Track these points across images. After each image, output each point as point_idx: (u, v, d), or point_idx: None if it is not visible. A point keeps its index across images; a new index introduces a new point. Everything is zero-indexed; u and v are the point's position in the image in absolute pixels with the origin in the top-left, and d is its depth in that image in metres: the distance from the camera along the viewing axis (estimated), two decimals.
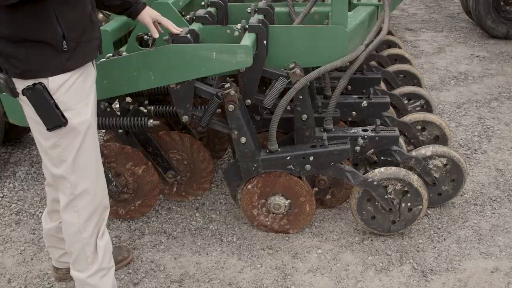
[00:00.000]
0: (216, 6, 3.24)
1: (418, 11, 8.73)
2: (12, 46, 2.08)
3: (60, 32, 2.09)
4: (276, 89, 2.84)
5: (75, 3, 2.14)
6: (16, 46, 2.08)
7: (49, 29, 2.07)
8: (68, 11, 2.11)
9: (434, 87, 5.43)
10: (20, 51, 2.08)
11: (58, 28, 2.09)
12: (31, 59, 2.09)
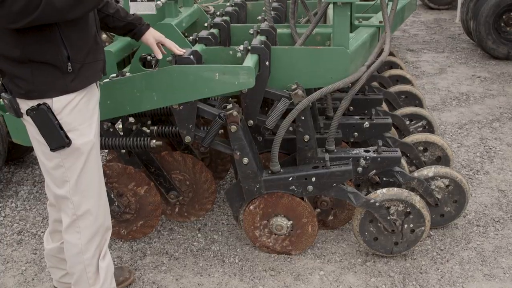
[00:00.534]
0: (219, 28, 3.26)
1: (419, 32, 8.79)
2: (17, 67, 2.10)
3: (65, 53, 2.12)
4: (278, 110, 2.86)
5: (80, 26, 2.17)
6: (21, 67, 2.10)
7: (55, 51, 2.10)
8: (74, 33, 2.14)
9: (436, 108, 5.45)
10: (25, 72, 2.10)
11: (63, 49, 2.11)
12: (35, 79, 2.11)
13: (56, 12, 1.95)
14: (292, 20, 3.29)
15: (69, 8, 1.98)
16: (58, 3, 1.93)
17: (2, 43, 2.07)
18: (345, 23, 2.92)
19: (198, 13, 3.70)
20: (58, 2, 1.93)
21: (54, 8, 1.93)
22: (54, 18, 1.99)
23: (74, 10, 2.00)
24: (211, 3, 4.20)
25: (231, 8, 3.68)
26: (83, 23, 2.18)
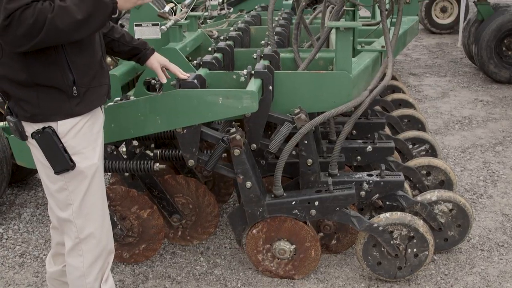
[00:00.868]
0: (223, 52, 3.29)
1: (422, 56, 8.84)
2: (23, 90, 2.12)
3: (71, 78, 2.14)
4: (281, 134, 2.87)
5: (86, 50, 2.19)
6: (27, 90, 2.12)
7: (60, 75, 2.12)
8: (79, 57, 2.16)
9: (439, 132, 5.46)
10: (30, 95, 2.12)
11: (69, 74, 2.13)
12: (41, 103, 2.13)
13: (60, 33, 1.95)
14: (295, 44, 3.32)
15: (73, 29, 1.98)
16: (61, 24, 1.93)
17: (8, 67, 2.09)
18: (347, 48, 2.95)
19: (202, 37, 3.73)
20: (61, 24, 1.93)
21: (57, 29, 1.94)
22: (58, 39, 2.00)
23: (78, 31, 2.00)
24: (215, 27, 4.24)
25: (234, 32, 3.72)
26: (89, 48, 2.21)
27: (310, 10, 5.30)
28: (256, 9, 5.34)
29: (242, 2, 6.17)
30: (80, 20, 1.97)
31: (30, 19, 1.87)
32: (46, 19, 1.90)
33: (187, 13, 3.42)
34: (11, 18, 1.85)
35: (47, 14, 1.90)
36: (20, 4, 1.86)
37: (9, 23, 1.86)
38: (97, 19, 2.03)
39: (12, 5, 1.85)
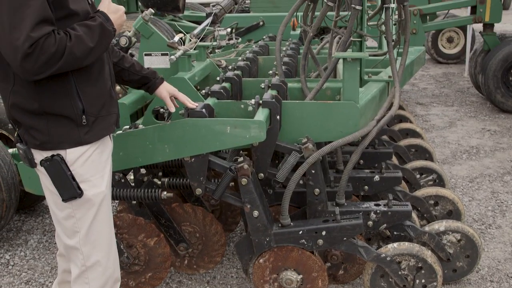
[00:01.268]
0: (231, 82, 3.32)
1: (429, 85, 8.88)
2: (33, 118, 2.15)
3: (81, 107, 2.17)
4: (289, 163, 2.87)
5: (96, 80, 2.23)
6: (37, 118, 2.15)
7: (70, 104, 2.15)
8: (89, 87, 2.20)
9: (446, 161, 5.45)
10: (40, 123, 2.15)
11: (79, 103, 2.16)
12: (51, 131, 2.15)
13: (76, 60, 2.03)
14: (303, 74, 3.35)
15: (86, 56, 2.06)
16: (78, 52, 2.01)
17: (20, 96, 2.13)
18: (354, 78, 2.97)
19: (211, 67, 3.77)
20: (78, 51, 2.01)
21: (75, 57, 2.01)
22: (73, 66, 2.06)
23: (88, 58, 2.08)
24: (223, 57, 4.29)
25: (242, 62, 3.75)
26: (98, 77, 2.24)
27: (317, 40, 5.35)
28: (264, 39, 5.40)
29: (250, 32, 6.24)
30: (92, 47, 2.06)
31: (52, 48, 1.93)
32: (66, 47, 1.97)
33: (196, 43, 3.47)
34: (34, 46, 1.90)
35: (66, 43, 1.97)
36: (43, 33, 1.91)
37: (32, 51, 1.90)
38: (103, 46, 2.14)
39: (37, 34, 1.90)
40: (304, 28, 3.42)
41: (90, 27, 2.07)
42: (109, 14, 2.17)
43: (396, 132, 4.57)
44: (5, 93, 2.18)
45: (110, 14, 2.18)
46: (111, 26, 2.15)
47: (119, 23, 2.24)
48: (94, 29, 2.07)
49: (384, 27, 3.12)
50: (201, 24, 4.00)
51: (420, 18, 6.84)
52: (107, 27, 2.13)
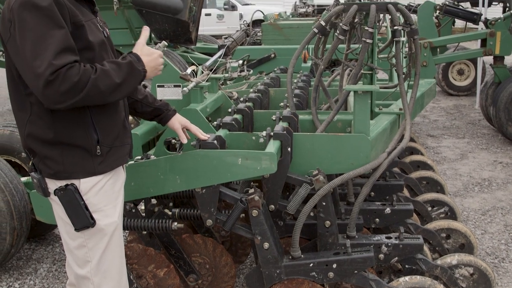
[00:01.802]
0: (242, 113, 3.35)
1: (439, 117, 8.88)
2: (48, 148, 2.18)
3: (95, 137, 2.20)
4: (299, 195, 2.88)
5: (110, 111, 2.26)
6: (52, 148, 2.18)
7: (85, 134, 2.18)
8: (104, 118, 2.23)
9: (458, 194, 5.41)
10: (55, 153, 2.18)
11: (94, 133, 2.20)
12: (65, 161, 2.18)
13: (99, 94, 2.03)
14: (314, 107, 3.37)
15: (110, 91, 2.06)
16: (102, 86, 2.02)
17: (36, 125, 2.16)
18: (365, 111, 2.99)
19: (223, 99, 3.81)
20: (102, 85, 2.02)
21: (98, 90, 2.02)
22: (96, 100, 2.06)
23: (113, 94, 2.09)
24: (234, 89, 4.33)
25: (254, 94, 3.79)
26: (113, 109, 2.28)
27: (328, 72, 5.40)
28: (275, 71, 5.46)
29: (262, 64, 6.31)
30: (117, 83, 2.06)
31: (75, 77, 1.95)
32: (89, 79, 1.98)
33: (209, 75, 3.52)
34: (57, 74, 1.92)
35: (91, 75, 1.99)
36: (66, 62, 1.95)
37: (54, 79, 1.92)
38: (130, 84, 2.14)
39: (59, 62, 1.93)
40: (315, 61, 3.45)
41: (118, 64, 2.10)
42: (141, 56, 2.19)
43: (407, 164, 4.57)
44: (21, 122, 2.22)
45: (142, 56, 2.19)
46: (141, 66, 2.16)
47: (152, 65, 2.24)
48: (122, 66, 2.09)
49: (395, 60, 3.15)
50: (213, 56, 4.07)
51: (430, 50, 6.91)
52: (137, 66, 2.14)
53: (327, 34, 3.35)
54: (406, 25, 3.18)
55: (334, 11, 3.21)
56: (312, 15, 11.12)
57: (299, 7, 11.90)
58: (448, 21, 9.20)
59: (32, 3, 1.99)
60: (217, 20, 21.99)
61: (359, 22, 3.30)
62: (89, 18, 2.20)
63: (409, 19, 3.17)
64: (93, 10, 2.28)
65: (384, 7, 3.10)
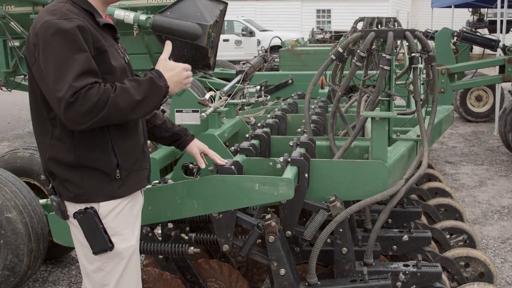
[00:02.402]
0: (260, 139, 3.37)
1: (457, 144, 8.81)
2: (68, 171, 2.21)
3: (115, 161, 2.22)
4: (316, 221, 2.87)
5: (130, 135, 2.29)
6: (72, 171, 2.20)
7: (105, 158, 2.21)
8: (124, 142, 2.26)
9: (477, 222, 5.34)
10: (75, 176, 2.20)
11: (113, 157, 2.22)
12: (85, 184, 2.21)
13: (120, 112, 2.04)
14: (331, 133, 3.38)
15: (131, 108, 2.07)
16: (122, 103, 2.03)
17: (57, 149, 2.20)
18: (383, 137, 2.99)
19: (240, 124, 3.84)
20: (122, 103, 2.03)
21: (118, 108, 2.03)
22: (117, 118, 2.07)
23: (135, 111, 2.09)
24: (252, 114, 4.36)
25: (271, 120, 3.80)
26: (133, 133, 2.31)
27: (346, 98, 5.41)
28: (293, 96, 5.48)
29: (279, 90, 6.34)
30: (138, 100, 2.07)
31: (94, 97, 1.97)
32: (109, 98, 2.00)
33: (227, 101, 3.55)
34: (77, 95, 1.96)
35: (110, 94, 2.01)
36: (86, 83, 1.98)
37: (75, 100, 1.96)
38: (152, 101, 2.13)
39: (79, 84, 1.97)
40: (333, 87, 3.47)
41: (138, 81, 2.10)
42: (164, 71, 2.18)
43: (425, 191, 4.53)
44: (43, 146, 2.25)
45: (165, 71, 2.18)
46: (163, 82, 2.15)
47: (176, 80, 2.22)
48: (142, 83, 2.10)
49: (412, 87, 3.15)
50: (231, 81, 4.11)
51: (448, 77, 6.88)
52: (158, 82, 2.13)
53: (345, 61, 3.38)
54: (424, 51, 3.19)
55: (351, 38, 3.23)
56: (329, 41, 11.19)
57: (317, 33, 11.99)
58: (466, 48, 9.18)
59: (56, 28, 2.04)
60: (235, 46, 22.22)
61: (376, 49, 3.32)
62: (111, 44, 2.25)
63: (426, 46, 3.18)
64: (115, 36, 2.33)
65: (401, 34, 3.12)
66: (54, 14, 2.09)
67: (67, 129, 2.16)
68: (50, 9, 2.15)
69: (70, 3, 2.18)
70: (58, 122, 2.17)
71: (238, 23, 22.87)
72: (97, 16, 2.23)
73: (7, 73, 9.14)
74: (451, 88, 7.09)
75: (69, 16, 2.09)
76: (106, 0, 2.29)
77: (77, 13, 2.14)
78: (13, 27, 8.46)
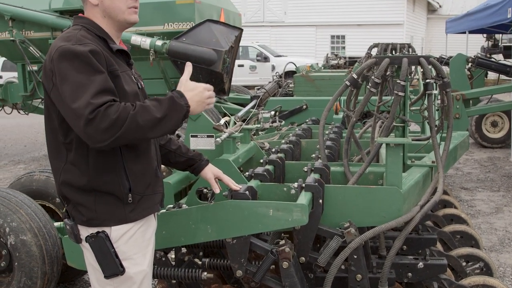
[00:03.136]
0: (274, 164, 3.37)
1: (473, 170, 8.74)
2: (82, 195, 2.22)
3: (127, 185, 2.24)
4: (330, 247, 2.85)
5: (142, 159, 2.31)
6: (85, 195, 2.22)
7: (118, 182, 2.22)
8: (136, 166, 2.27)
9: (493, 249, 5.27)
10: (88, 200, 2.22)
11: (126, 181, 2.24)
12: (98, 208, 2.22)
13: (139, 129, 2.03)
14: (345, 158, 3.37)
15: (151, 126, 2.06)
16: (141, 121, 2.03)
17: (71, 173, 2.22)
18: (398, 163, 2.98)
19: (254, 149, 3.85)
20: (141, 120, 2.03)
21: (137, 125, 2.02)
22: (136, 135, 2.06)
23: (154, 130, 2.08)
24: (266, 139, 4.37)
25: (286, 145, 3.81)
26: (145, 157, 2.32)
27: (360, 124, 5.40)
28: (307, 122, 5.49)
29: (294, 115, 6.36)
30: (158, 118, 2.06)
31: (114, 115, 1.98)
32: (128, 115, 2.00)
33: (241, 126, 3.57)
34: (96, 112, 1.97)
35: (130, 111, 2.01)
36: (105, 100, 2.00)
37: (94, 117, 1.97)
38: (172, 120, 2.11)
39: (98, 101, 1.99)
40: (347, 113, 3.48)
41: (159, 100, 2.11)
42: (185, 91, 2.17)
43: (440, 217, 4.48)
44: (57, 170, 2.28)
45: (186, 92, 2.17)
46: (183, 101, 2.14)
47: (197, 100, 2.19)
48: (163, 102, 2.10)
49: (427, 113, 3.15)
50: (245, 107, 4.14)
51: (463, 103, 6.87)
52: (178, 101, 2.12)
53: (359, 87, 3.39)
54: (438, 78, 3.19)
55: (366, 64, 3.25)
56: (343, 67, 11.23)
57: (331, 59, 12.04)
58: (481, 73, 9.18)
59: (71, 52, 2.08)
60: (250, 71, 22.38)
61: (391, 75, 3.33)
62: (124, 70, 2.28)
63: (441, 72, 3.19)
64: (128, 62, 2.36)
65: (416, 61, 3.13)
66: (69, 40, 2.14)
67: (81, 154, 2.19)
68: (65, 36, 2.20)
69: (85, 29, 2.22)
70: (73, 147, 2.20)
71: (253, 49, 23.07)
72: (111, 42, 2.27)
73: (25, 97, 9.29)
74: (466, 114, 7.08)
75: (84, 41, 2.13)
76: (119, 27, 2.34)
77: (91, 39, 2.18)
78: (32, 51, 8.61)
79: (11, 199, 3.73)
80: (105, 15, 2.28)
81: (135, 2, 2.30)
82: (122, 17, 2.29)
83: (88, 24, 2.26)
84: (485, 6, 10.95)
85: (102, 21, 2.28)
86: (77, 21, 2.30)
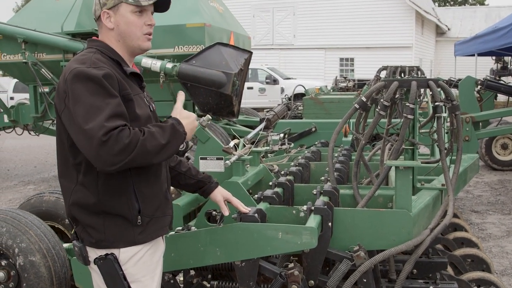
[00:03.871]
0: (283, 187, 3.37)
1: (484, 193, 8.67)
2: (91, 217, 2.24)
3: (137, 207, 2.25)
4: (340, 271, 2.83)
5: (153, 181, 2.32)
6: (95, 217, 2.23)
7: (127, 204, 2.23)
8: (146, 188, 2.29)
9: (505, 273, 5.20)
10: (97, 222, 2.23)
11: (135, 203, 2.25)
12: (107, 230, 2.23)
13: (147, 154, 2.08)
14: (355, 181, 3.37)
15: (156, 152, 2.11)
16: (150, 146, 2.08)
17: (80, 194, 2.23)
18: (407, 186, 2.97)
19: (264, 172, 3.85)
20: (150, 146, 2.08)
21: (146, 150, 2.07)
22: (144, 160, 2.10)
23: (159, 155, 2.13)
24: (275, 162, 4.38)
25: (295, 168, 3.81)
26: (155, 179, 2.34)
27: (369, 147, 5.40)
28: (316, 144, 5.49)
29: (303, 138, 6.37)
30: (163, 144, 2.12)
31: (126, 139, 2.02)
32: (138, 140, 2.05)
33: (250, 149, 3.58)
34: (109, 135, 2.00)
35: (140, 137, 2.06)
36: (117, 124, 2.03)
37: (107, 140, 2.00)
38: (174, 146, 2.18)
39: (111, 124, 2.02)
40: (356, 136, 3.48)
41: (162, 127, 2.17)
42: (181, 119, 2.25)
43: (450, 241, 4.44)
44: (67, 192, 2.29)
45: (182, 119, 2.25)
46: (182, 128, 2.21)
47: (190, 128, 2.29)
48: (166, 129, 2.16)
49: (436, 135, 3.15)
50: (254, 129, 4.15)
51: (472, 125, 6.85)
52: (178, 129, 2.20)
53: (368, 110, 3.39)
54: (447, 100, 3.19)
55: (375, 87, 3.26)
56: (352, 90, 11.27)
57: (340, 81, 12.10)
58: (490, 96, 9.15)
59: (85, 74, 2.11)
60: (259, 94, 22.47)
61: (400, 98, 3.34)
62: (137, 92, 2.31)
63: (450, 95, 3.19)
64: (141, 85, 2.39)
65: (425, 84, 3.14)
66: (84, 63, 2.17)
67: (91, 175, 2.21)
68: (79, 58, 2.23)
69: (99, 53, 2.26)
70: (83, 168, 2.21)
71: (262, 71, 23.19)
72: (124, 65, 2.31)
73: (36, 118, 9.36)
74: (476, 136, 7.05)
75: (98, 64, 2.16)
76: (132, 52, 2.38)
77: (106, 62, 2.22)
78: (43, 73, 8.71)
79: (21, 220, 3.75)
80: (119, 39, 2.31)
81: (150, 29, 2.34)
82: (136, 43, 2.33)
83: (103, 47, 2.30)
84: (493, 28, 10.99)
85: (116, 45, 2.32)
86: (91, 44, 2.34)
